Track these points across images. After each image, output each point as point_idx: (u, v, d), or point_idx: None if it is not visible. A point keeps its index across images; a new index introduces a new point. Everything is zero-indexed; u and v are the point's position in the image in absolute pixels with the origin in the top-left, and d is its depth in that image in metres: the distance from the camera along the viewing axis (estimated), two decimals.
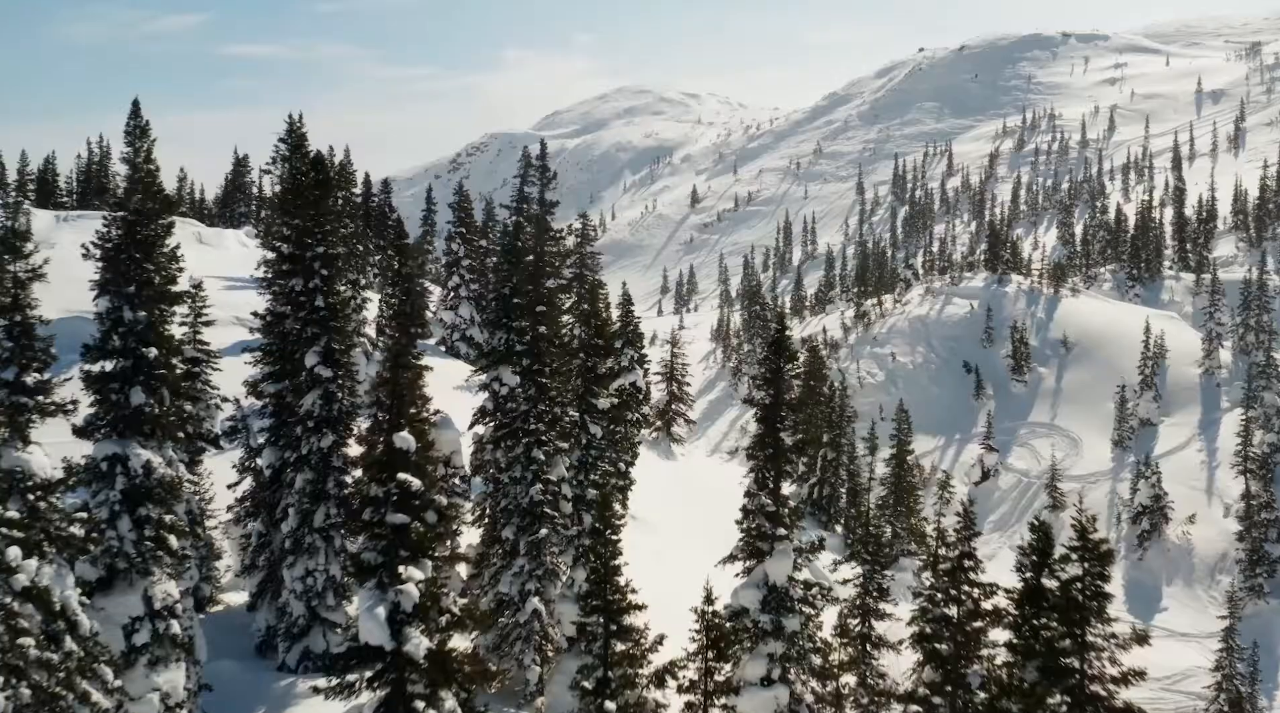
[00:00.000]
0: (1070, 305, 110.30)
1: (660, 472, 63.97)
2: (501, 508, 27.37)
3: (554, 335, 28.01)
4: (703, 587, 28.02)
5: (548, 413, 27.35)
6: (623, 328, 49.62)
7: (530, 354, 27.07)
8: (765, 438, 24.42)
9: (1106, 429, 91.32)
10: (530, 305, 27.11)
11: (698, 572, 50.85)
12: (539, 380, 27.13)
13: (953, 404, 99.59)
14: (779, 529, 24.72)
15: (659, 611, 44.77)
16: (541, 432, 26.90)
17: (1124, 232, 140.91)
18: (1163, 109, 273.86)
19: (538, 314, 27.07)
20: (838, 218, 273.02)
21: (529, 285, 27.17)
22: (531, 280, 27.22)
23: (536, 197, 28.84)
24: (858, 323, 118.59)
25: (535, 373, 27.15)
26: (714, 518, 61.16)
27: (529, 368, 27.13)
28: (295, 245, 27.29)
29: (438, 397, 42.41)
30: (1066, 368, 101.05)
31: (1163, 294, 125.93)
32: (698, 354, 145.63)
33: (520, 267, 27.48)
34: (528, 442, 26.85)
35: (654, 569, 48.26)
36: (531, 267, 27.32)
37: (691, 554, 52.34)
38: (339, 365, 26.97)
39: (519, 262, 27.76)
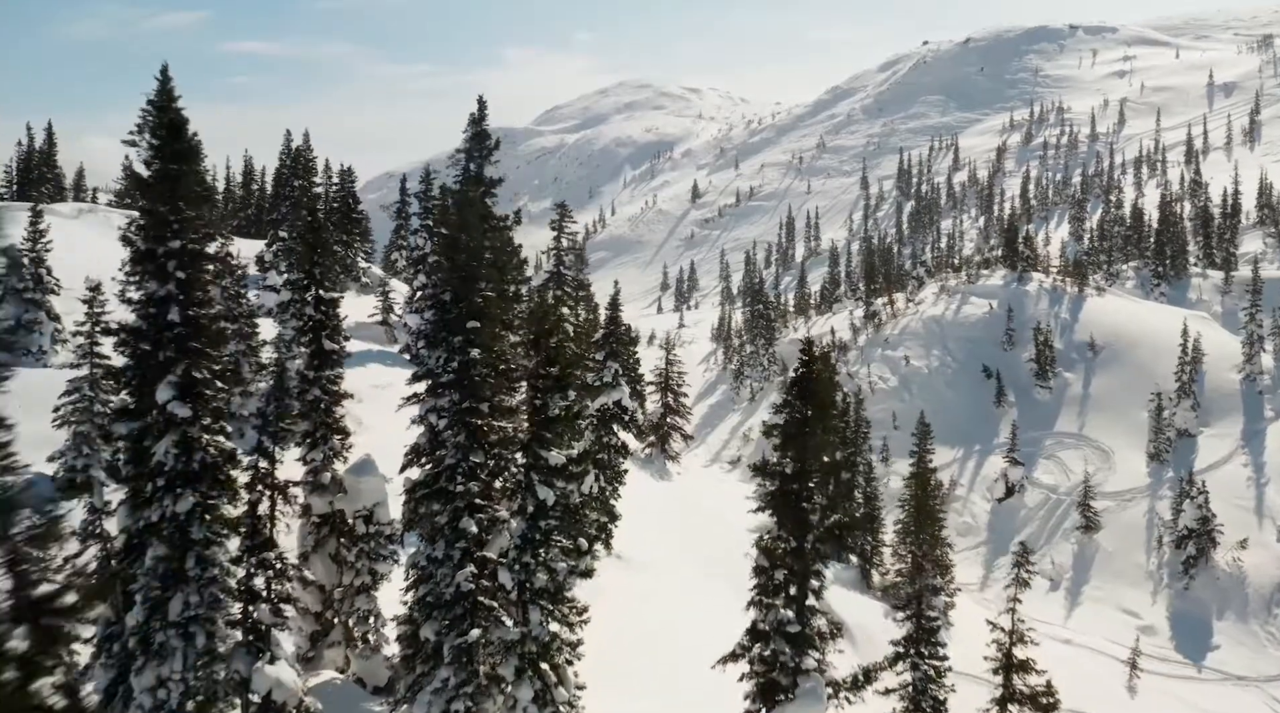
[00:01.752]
0: (1095, 305, 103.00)
1: (652, 496, 56.88)
2: (421, 598, 20.24)
3: (497, 360, 20.94)
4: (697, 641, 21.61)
5: (484, 467, 20.24)
6: (605, 338, 42.41)
7: (459, 386, 19.99)
8: (788, 526, 17.44)
9: (1140, 440, 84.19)
10: (458, 320, 20.02)
11: (692, 617, 43.76)
12: (470, 423, 20.01)
13: (972, 412, 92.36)
14: (806, 659, 17.70)
15: (644, 668, 37.77)
16: (475, 494, 19.80)
17: (1141, 227, 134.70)
18: (1173, 102, 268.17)
19: (469, 332, 19.95)
20: (841, 213, 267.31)
21: (459, 292, 20.07)
22: (462, 285, 20.12)
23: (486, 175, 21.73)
24: (867, 323, 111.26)
25: (466, 413, 20.06)
26: (713, 548, 54.02)
27: (458, 406, 20.06)
28: (148, 238, 20.18)
29: (387, 420, 35.45)
30: (1094, 373, 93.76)
31: (1189, 293, 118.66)
32: (698, 355, 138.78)
33: (453, 266, 20.43)
34: (456, 508, 19.74)
35: (640, 615, 41.14)
36: (461, 267, 20.23)
37: (686, 596, 45.25)
38: (203, 401, 19.81)
39: (454, 258, 20.68)
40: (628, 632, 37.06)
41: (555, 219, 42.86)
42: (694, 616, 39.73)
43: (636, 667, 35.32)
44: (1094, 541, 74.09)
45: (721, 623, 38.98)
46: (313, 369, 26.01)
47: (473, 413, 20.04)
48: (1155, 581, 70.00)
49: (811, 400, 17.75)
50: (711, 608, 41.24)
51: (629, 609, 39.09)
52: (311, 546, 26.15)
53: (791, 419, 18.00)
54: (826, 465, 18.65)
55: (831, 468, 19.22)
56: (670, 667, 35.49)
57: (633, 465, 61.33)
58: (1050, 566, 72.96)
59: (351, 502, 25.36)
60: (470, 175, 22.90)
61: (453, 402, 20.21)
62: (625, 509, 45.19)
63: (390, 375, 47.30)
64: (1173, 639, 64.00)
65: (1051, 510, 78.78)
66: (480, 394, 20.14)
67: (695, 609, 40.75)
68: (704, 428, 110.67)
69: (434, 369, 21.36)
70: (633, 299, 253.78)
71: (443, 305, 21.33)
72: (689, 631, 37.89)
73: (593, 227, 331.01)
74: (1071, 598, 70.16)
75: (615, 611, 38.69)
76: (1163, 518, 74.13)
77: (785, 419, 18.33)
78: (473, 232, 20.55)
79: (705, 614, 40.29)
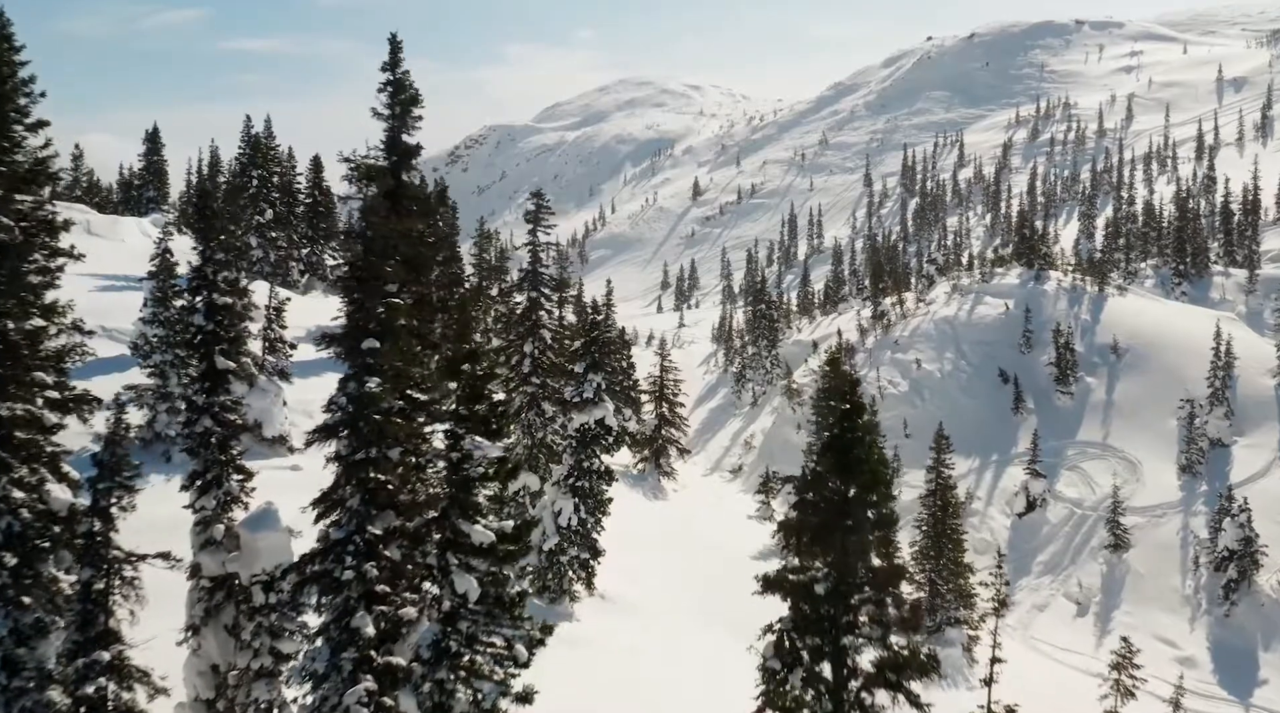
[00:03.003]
0: (1117, 305, 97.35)
1: (644, 520, 51.54)
2: (315, 709, 14.86)
3: (409, 392, 15.54)
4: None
5: (388, 541, 14.86)
6: (587, 346, 36.93)
7: (351, 428, 14.66)
8: (817, 682, 12.10)
9: (1168, 450, 78.68)
10: (353, 334, 14.67)
11: (688, 673, 38.13)
12: (367, 480, 14.64)
13: (988, 419, 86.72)
14: None
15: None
16: (374, 580, 14.44)
17: (1156, 224, 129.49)
18: (1182, 98, 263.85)
19: (364, 356, 14.58)
20: (844, 210, 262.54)
21: (360, 297, 14.72)
22: (361, 289, 14.76)
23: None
24: (875, 324, 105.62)
25: (360, 467, 14.70)
26: (712, 586, 48.20)
27: (348, 459, 14.73)
28: None
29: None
30: (1118, 377, 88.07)
31: (1212, 292, 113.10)
32: (698, 356, 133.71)
33: (350, 265, 15.10)
34: (347, 600, 14.39)
35: (627, 672, 35.56)
36: (360, 265, 14.87)
37: (680, 646, 39.68)
38: (11, 446, 14.45)
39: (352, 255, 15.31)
40: (612, 692, 31.68)
41: (531, 211, 37.42)
42: (689, 671, 34.24)
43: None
44: (1124, 561, 68.56)
45: (721, 679, 33.47)
46: (202, 394, 20.61)
47: (372, 466, 14.65)
48: (1193, 606, 64.46)
49: (853, 474, 12.37)
50: (710, 659, 35.80)
51: (613, 663, 33.65)
52: (201, 616, 20.73)
53: (823, 504, 12.58)
54: (880, 574, 13.25)
55: (889, 576, 13.79)
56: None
57: (623, 484, 55.94)
58: (1077, 588, 67.50)
59: (248, 563, 19.93)
60: (385, 143, 17.47)
61: (343, 456, 14.84)
62: (611, 538, 39.83)
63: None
64: (1215, 673, 58.52)
65: (1077, 527, 73.18)
66: (383, 440, 14.74)
67: (691, 662, 35.24)
68: (704, 433, 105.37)
69: (336, 400, 15.91)
70: (633, 298, 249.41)
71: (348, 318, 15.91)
72: (684, 690, 32.49)
73: (593, 224, 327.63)
74: (1101, 624, 64.62)
75: (597, 665, 33.26)
76: (1198, 536, 68.61)
77: (813, 500, 12.87)
78: (373, 216, 15.19)
79: (703, 668, 34.87)
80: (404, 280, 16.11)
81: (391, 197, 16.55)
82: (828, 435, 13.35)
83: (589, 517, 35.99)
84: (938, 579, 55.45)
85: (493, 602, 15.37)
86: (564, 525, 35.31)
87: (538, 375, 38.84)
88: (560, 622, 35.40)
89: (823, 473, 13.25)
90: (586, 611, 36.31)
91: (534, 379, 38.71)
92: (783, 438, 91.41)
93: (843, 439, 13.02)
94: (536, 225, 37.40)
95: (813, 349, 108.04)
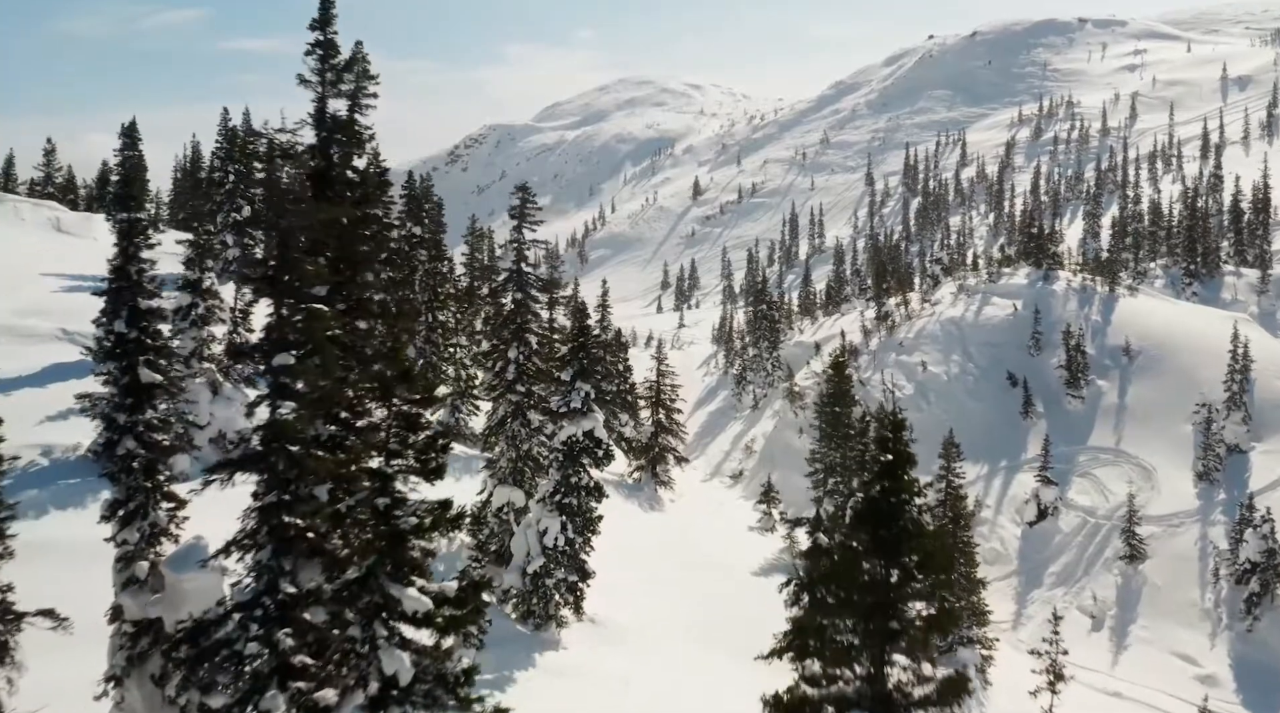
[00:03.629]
0: (1128, 306, 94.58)
1: (639, 534, 48.83)
2: None
3: (338, 418, 12.90)
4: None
5: (307, 602, 12.25)
6: (574, 352, 34.23)
7: (259, 460, 12.05)
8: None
9: (1184, 456, 75.98)
10: (267, 348, 12.05)
11: (685, 700, 35.48)
12: (280, 527, 12.02)
13: (996, 424, 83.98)
14: None
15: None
16: (288, 652, 11.82)
17: (1162, 223, 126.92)
18: (1187, 96, 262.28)
19: (278, 373, 11.96)
20: (846, 210, 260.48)
21: (281, 298, 12.09)
22: (275, 293, 12.12)
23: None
24: (880, 326, 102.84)
25: (275, 510, 12.09)
26: (711, 604, 45.70)
27: (260, 502, 12.12)
28: None
29: None
30: (1130, 381, 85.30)
31: (1223, 293, 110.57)
32: (698, 357, 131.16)
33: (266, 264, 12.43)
34: (254, 677, 11.75)
35: (619, 703, 33.00)
36: (277, 262, 12.24)
37: (678, 674, 37.03)
38: None
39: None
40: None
41: (515, 206, 34.76)
42: (686, 703, 31.57)
43: None
44: (1140, 572, 65.87)
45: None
46: (124, 410, 17.97)
47: (288, 509, 12.03)
48: (1213, 621, 61.74)
49: (898, 552, 9.68)
50: (709, 688, 33.12)
51: (602, 695, 30.98)
52: (124, 666, 18.09)
53: (856, 593, 9.87)
54: (944, 687, 10.54)
55: (950, 689, 11.06)
56: None
57: (618, 494, 53.33)
58: (1091, 601, 64.80)
59: (172, 607, 17.30)
60: (313, 116, 14.83)
61: (258, 504, 12.22)
62: (604, 554, 37.14)
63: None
64: (1239, 693, 55.81)
65: (1090, 536, 70.44)
66: (303, 478, 12.11)
67: (689, 693, 32.48)
68: (704, 437, 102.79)
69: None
70: (633, 298, 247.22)
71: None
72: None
73: (592, 224, 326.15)
74: (1117, 640, 61.95)
75: (585, 697, 30.59)
76: (1218, 547, 65.89)
77: (841, 587, 10.15)
78: (276, 200, 12.57)
79: (702, 699, 32.21)
80: (335, 281, 13.59)
81: (319, 180, 14.00)
82: (863, 499, 10.68)
83: (577, 536, 33.32)
84: (948, 596, 52.68)
85: (433, 681, 12.73)
86: (550, 546, 32.66)
87: (523, 383, 36.24)
88: (545, 650, 32.83)
89: (856, 548, 10.50)
90: (574, 637, 33.67)
91: (519, 387, 36.11)
92: (784, 442, 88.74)
93: (884, 505, 10.29)
94: (522, 222, 34.79)
95: (815, 351, 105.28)
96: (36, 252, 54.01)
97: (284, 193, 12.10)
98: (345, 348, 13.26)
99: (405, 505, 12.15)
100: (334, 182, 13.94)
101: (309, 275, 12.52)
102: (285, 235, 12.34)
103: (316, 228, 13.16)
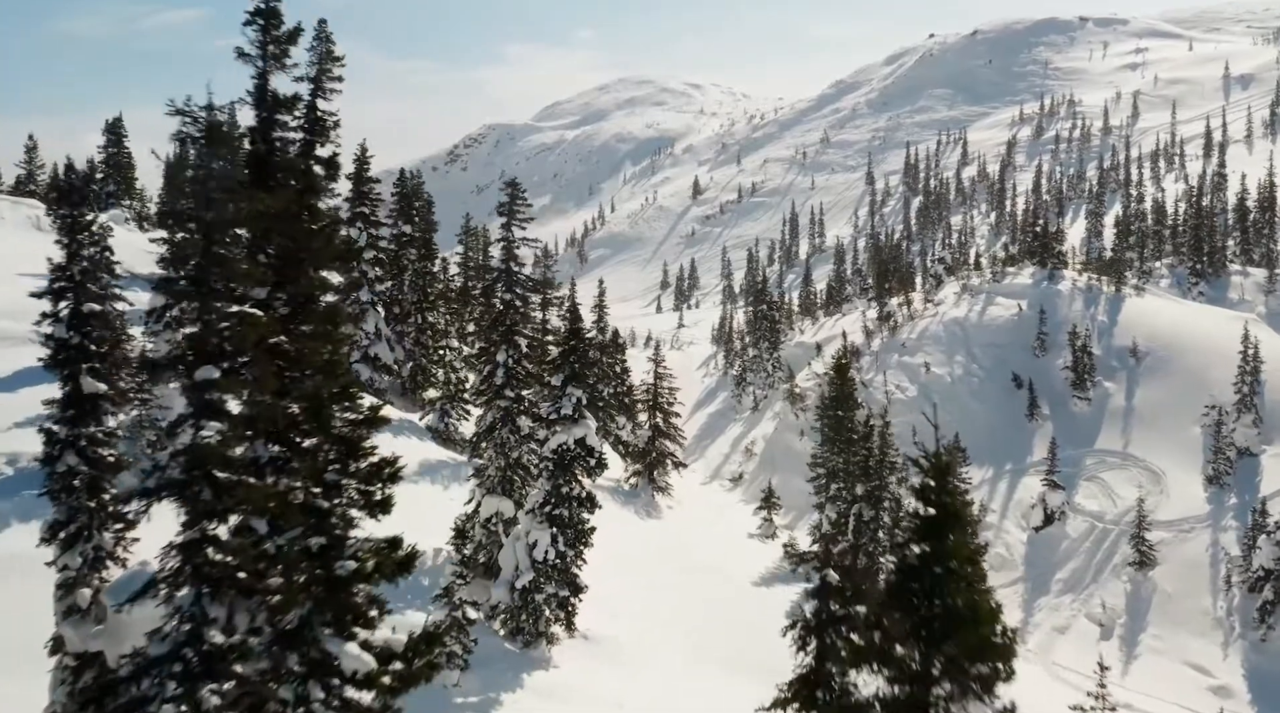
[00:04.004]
0: (1135, 306, 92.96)
1: (636, 541, 47.16)
2: None
3: (270, 433, 11.31)
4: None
5: (236, 655, 10.65)
6: (565, 356, 32.58)
7: (179, 488, 10.45)
8: None
9: (1193, 460, 74.37)
10: (188, 359, 10.44)
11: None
12: (206, 565, 10.42)
13: (1001, 426, 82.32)
14: None
15: None
16: (219, 710, 10.20)
17: (1165, 222, 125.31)
18: (1189, 95, 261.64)
19: (201, 389, 10.36)
20: (846, 209, 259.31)
21: (207, 302, 10.49)
22: (199, 296, 10.50)
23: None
24: (882, 326, 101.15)
25: (199, 547, 10.49)
26: (709, 616, 44.17)
27: (184, 539, 10.54)
28: None
29: None
30: (1137, 382, 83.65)
31: (1230, 292, 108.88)
32: (698, 357, 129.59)
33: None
34: None
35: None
36: (198, 257, 10.60)
37: (676, 687, 35.40)
38: None
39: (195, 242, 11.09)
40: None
41: (504, 203, 33.15)
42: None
43: None
44: (1150, 579, 64.26)
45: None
46: (65, 423, 16.39)
47: (213, 546, 10.44)
48: (1225, 630, 60.12)
49: (942, 637, 8.02)
50: (707, 710, 31.56)
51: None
52: (63, 702, 16.51)
53: (888, 689, 8.23)
54: None
55: None
56: None
57: (613, 502, 51.71)
58: (1100, 609, 63.15)
59: (115, 641, 15.68)
60: (253, 94, 13.17)
61: (183, 521, 10.63)
62: (598, 565, 35.52)
63: None
64: (1254, 704, 54.24)
65: (1098, 542, 68.82)
66: (231, 510, 10.52)
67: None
68: (703, 439, 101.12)
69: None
70: (632, 298, 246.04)
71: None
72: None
73: (592, 223, 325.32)
74: (1127, 649, 60.34)
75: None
76: (1229, 553, 64.29)
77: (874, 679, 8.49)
78: (201, 190, 10.99)
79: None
80: (273, 282, 12.00)
81: (256, 165, 12.41)
82: (895, 567, 8.93)
83: (568, 549, 31.70)
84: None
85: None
86: (539, 560, 31.07)
87: (512, 387, 34.64)
88: (535, 670, 31.19)
89: (886, 628, 8.76)
90: (566, 655, 32.07)
91: (508, 392, 34.52)
92: (785, 445, 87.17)
93: (925, 575, 8.54)
94: (511, 218, 33.20)
95: (816, 352, 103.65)
96: (14, 251, 52.37)
97: (211, 181, 10.53)
98: (287, 358, 11.69)
99: (345, 546, 10.56)
100: (277, 168, 12.35)
101: (241, 275, 10.94)
102: (211, 230, 10.78)
103: (250, 221, 11.57)
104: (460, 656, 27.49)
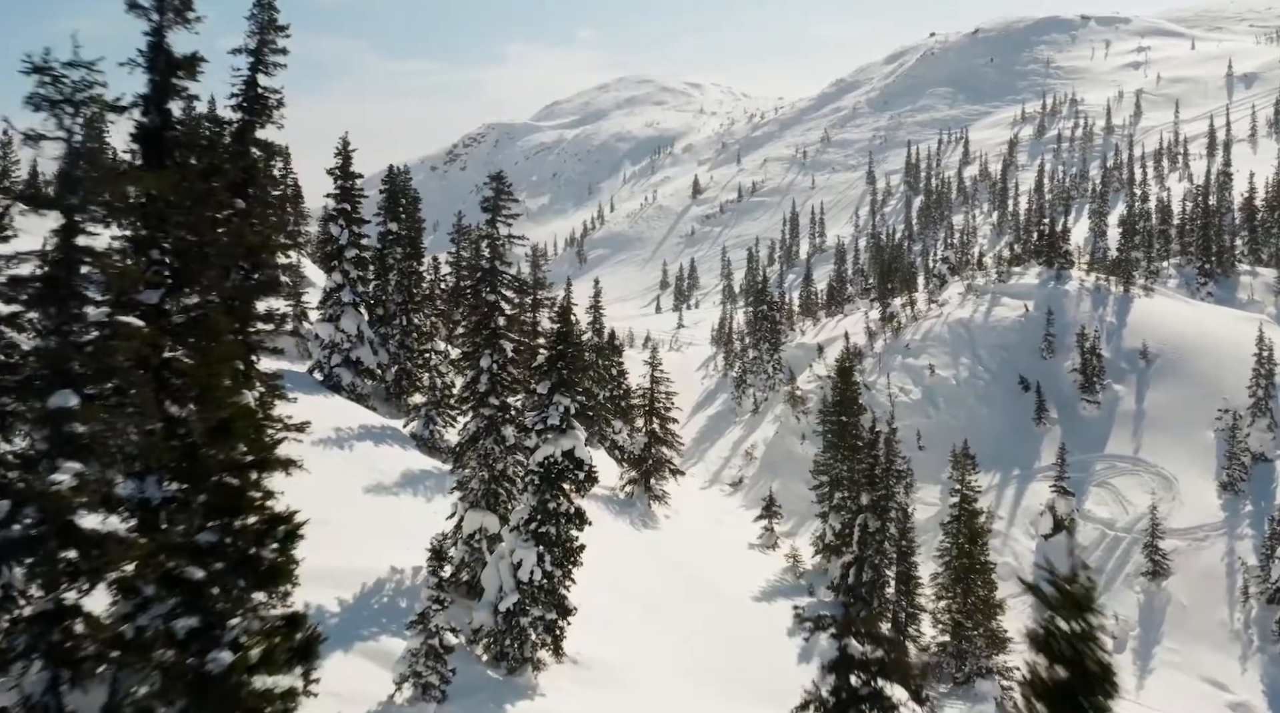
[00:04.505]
0: (1144, 307, 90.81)
1: (631, 554, 45.02)
2: None
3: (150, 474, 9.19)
4: None
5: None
6: (551, 362, 30.40)
7: (29, 550, 8.31)
8: None
9: (1205, 465, 72.25)
10: (43, 383, 8.34)
11: None
12: (57, 643, 8.28)
13: (1007, 430, 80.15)
14: None
15: None
16: None
17: (1170, 221, 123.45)
18: (1191, 94, 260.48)
19: (58, 425, 8.22)
20: (847, 208, 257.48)
21: (64, 311, 8.39)
22: (56, 301, 8.39)
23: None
24: (884, 327, 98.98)
25: (55, 620, 8.35)
26: (708, 636, 41.98)
27: (35, 611, 8.41)
28: None
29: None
30: (1148, 385, 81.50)
31: (1239, 292, 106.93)
32: (697, 358, 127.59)
33: None
34: None
35: None
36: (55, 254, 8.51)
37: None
38: None
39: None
40: None
41: (488, 198, 31.01)
42: None
43: None
44: (1164, 589, 62.14)
45: None
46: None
47: (70, 616, 8.29)
48: (1243, 643, 57.99)
49: None
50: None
51: None
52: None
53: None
54: None
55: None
56: None
57: (607, 511, 49.61)
58: (1113, 620, 60.95)
59: None
60: (146, 54, 11.12)
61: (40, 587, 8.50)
62: (589, 581, 33.36)
63: (290, 409, 35.33)
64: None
65: (1109, 550, 66.73)
66: (97, 574, 8.36)
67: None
68: (702, 442, 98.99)
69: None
70: (631, 298, 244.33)
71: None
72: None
73: (591, 223, 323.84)
74: (1142, 662, 58.22)
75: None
76: (1246, 563, 62.19)
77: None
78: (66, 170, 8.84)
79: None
80: (166, 286, 9.88)
81: (149, 141, 10.33)
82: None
83: (556, 569, 29.57)
84: (964, 621, 48.88)
85: None
86: (525, 580, 28.97)
87: (496, 395, 32.50)
88: (519, 699, 29.02)
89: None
90: (553, 682, 29.91)
91: (492, 399, 32.37)
92: (785, 449, 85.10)
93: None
94: (495, 215, 31.05)
95: (818, 353, 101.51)
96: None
97: (77, 157, 8.46)
98: (178, 375, 9.53)
99: (224, 629, 8.37)
100: (173, 144, 10.23)
101: (117, 278, 8.79)
102: (70, 216, 8.62)
103: (133, 209, 9.45)
104: (437, 687, 25.40)
